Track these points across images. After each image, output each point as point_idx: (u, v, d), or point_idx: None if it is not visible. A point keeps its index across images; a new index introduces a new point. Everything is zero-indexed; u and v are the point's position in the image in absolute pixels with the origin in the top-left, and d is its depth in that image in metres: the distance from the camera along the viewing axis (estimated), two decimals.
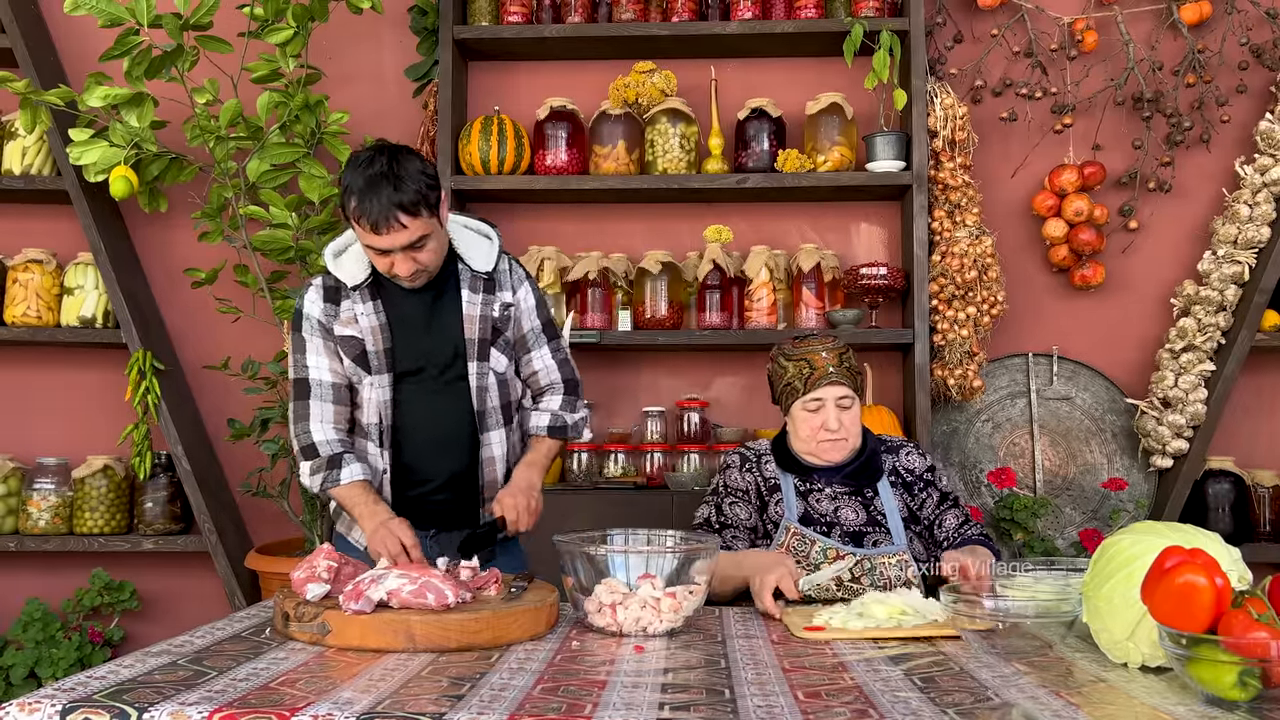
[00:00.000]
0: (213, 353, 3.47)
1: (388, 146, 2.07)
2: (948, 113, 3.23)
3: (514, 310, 2.26)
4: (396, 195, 1.99)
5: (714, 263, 3.31)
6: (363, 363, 2.17)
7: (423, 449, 2.20)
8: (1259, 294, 3.18)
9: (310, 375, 2.19)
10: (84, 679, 1.37)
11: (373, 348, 2.16)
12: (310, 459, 2.16)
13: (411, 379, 2.19)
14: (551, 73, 3.55)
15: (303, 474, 2.18)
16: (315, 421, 2.17)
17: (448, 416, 2.20)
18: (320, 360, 2.19)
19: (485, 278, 2.23)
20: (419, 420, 2.19)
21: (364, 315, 2.16)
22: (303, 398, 2.18)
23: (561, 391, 2.32)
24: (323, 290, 2.20)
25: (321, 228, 3.16)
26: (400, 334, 2.18)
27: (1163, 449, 3.26)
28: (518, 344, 2.30)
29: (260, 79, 3.09)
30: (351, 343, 2.17)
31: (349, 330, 2.17)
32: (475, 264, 2.21)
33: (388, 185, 1.99)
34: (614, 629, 1.75)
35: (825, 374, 2.20)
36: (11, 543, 3.32)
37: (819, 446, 2.22)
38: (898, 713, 1.28)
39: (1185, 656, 1.31)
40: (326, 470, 2.14)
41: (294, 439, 2.19)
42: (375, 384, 2.17)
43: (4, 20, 3.31)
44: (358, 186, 2.01)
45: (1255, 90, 3.40)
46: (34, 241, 3.52)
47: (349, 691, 1.36)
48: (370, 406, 2.18)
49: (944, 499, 2.28)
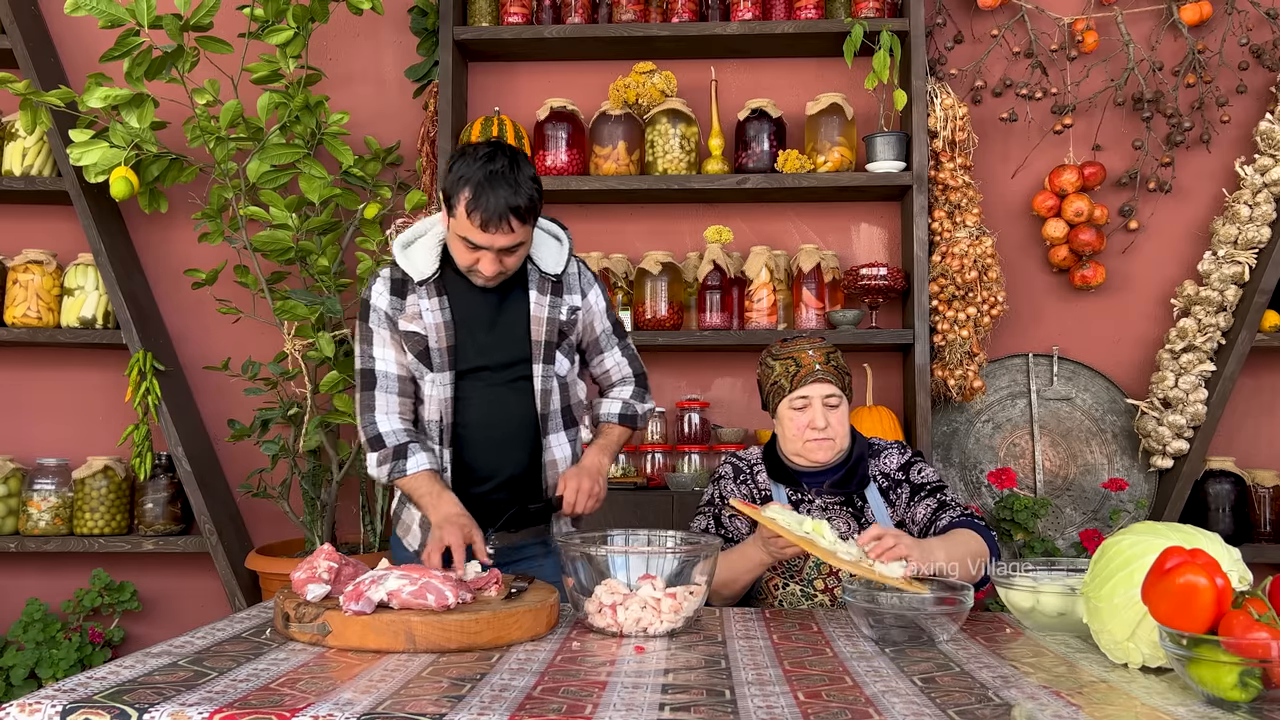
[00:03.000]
0: (213, 353, 3.48)
1: (506, 146, 2.07)
2: (948, 113, 3.23)
3: (583, 314, 2.27)
4: (514, 199, 2.00)
5: (714, 263, 3.31)
6: (425, 359, 2.17)
7: (483, 448, 2.19)
8: (1259, 294, 3.19)
9: (377, 366, 2.18)
10: (84, 680, 1.37)
11: (436, 345, 2.16)
12: (377, 450, 2.15)
13: (473, 377, 2.19)
14: (551, 73, 3.55)
15: (369, 465, 2.17)
16: (380, 413, 2.17)
17: (509, 416, 2.20)
18: (387, 352, 2.18)
19: (554, 280, 2.22)
20: (480, 419, 2.19)
21: (429, 312, 2.16)
22: (369, 388, 2.18)
23: (633, 383, 2.35)
24: (389, 283, 2.19)
25: (322, 228, 3.17)
26: (464, 332, 2.18)
27: (1163, 449, 3.26)
28: (590, 346, 2.32)
29: (260, 80, 3.09)
30: (415, 338, 2.16)
31: (413, 326, 2.16)
32: (545, 266, 2.21)
33: (506, 187, 1.99)
34: (614, 629, 1.75)
35: (811, 371, 2.19)
36: (12, 543, 3.32)
37: (806, 446, 2.19)
38: (898, 713, 1.28)
39: (1186, 657, 1.31)
40: (393, 461, 2.13)
41: (360, 430, 2.19)
42: (437, 381, 2.17)
43: (4, 21, 3.32)
44: (475, 179, 2.00)
45: (1255, 90, 3.40)
46: (34, 242, 3.53)
47: (349, 692, 1.36)
48: (431, 404, 2.18)
49: (916, 492, 2.22)
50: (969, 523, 2.13)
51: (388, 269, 2.22)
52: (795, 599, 2.15)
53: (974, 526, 2.11)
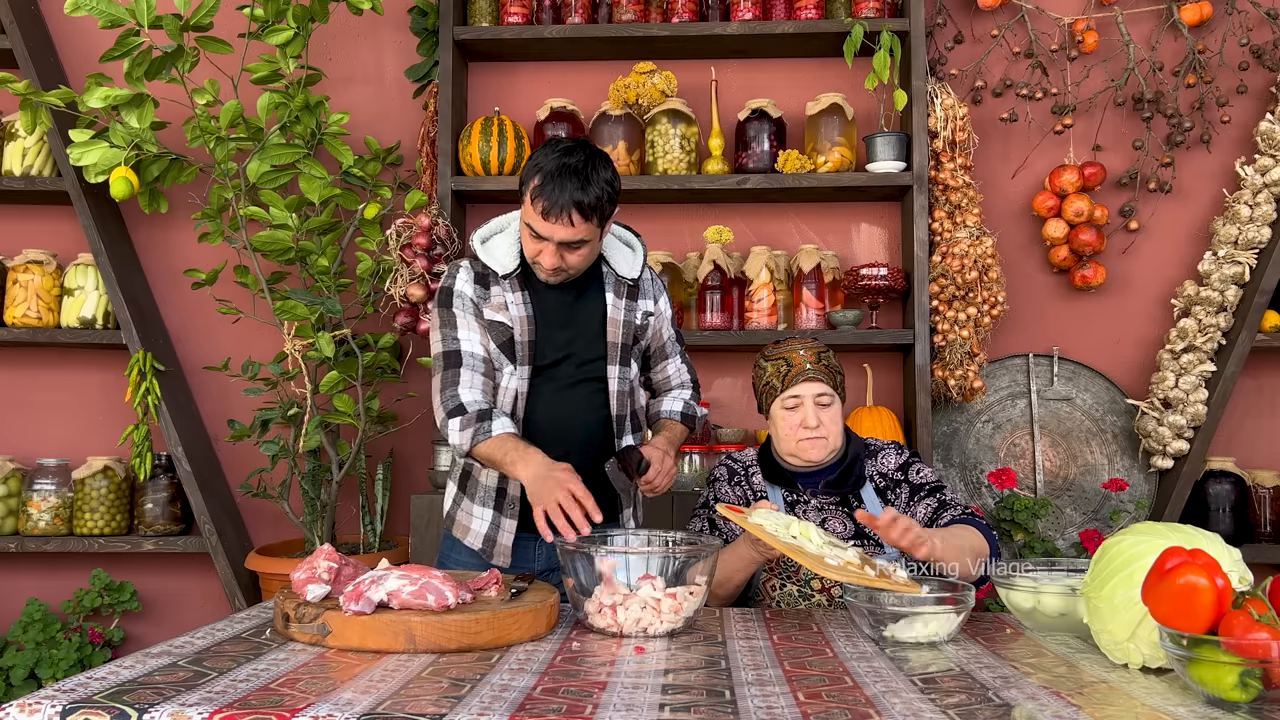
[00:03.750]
0: (213, 354, 3.48)
1: (590, 146, 2.11)
2: (948, 113, 3.23)
3: (654, 320, 2.31)
4: (580, 194, 2.02)
5: (714, 263, 3.31)
6: (509, 351, 2.17)
7: (548, 445, 2.16)
8: (1259, 294, 3.19)
9: (462, 346, 2.16)
10: (84, 680, 1.37)
11: (520, 338, 2.17)
12: (459, 416, 2.10)
13: (548, 374, 2.20)
14: (551, 73, 3.55)
15: (451, 433, 2.11)
16: (464, 387, 2.14)
17: (578, 415, 2.21)
18: (472, 335, 2.18)
19: (630, 284, 2.25)
20: (550, 416, 2.19)
21: (514, 304, 2.17)
22: (454, 366, 2.15)
23: (690, 389, 2.41)
24: (473, 274, 2.21)
25: (322, 228, 3.17)
26: (543, 328, 2.19)
27: (1163, 449, 3.26)
28: (656, 352, 2.37)
29: (260, 80, 3.09)
30: (500, 329, 2.17)
31: (499, 316, 2.17)
32: (621, 269, 2.24)
33: (575, 180, 2.02)
34: (614, 630, 1.75)
35: (802, 370, 2.20)
36: (12, 543, 3.32)
37: (799, 445, 2.19)
38: (897, 713, 1.28)
39: (1186, 657, 1.31)
40: (477, 424, 2.09)
41: (439, 408, 2.13)
42: (516, 374, 2.17)
43: (4, 21, 3.32)
44: (548, 168, 2.04)
45: (1255, 91, 3.40)
46: (34, 242, 3.53)
47: (349, 692, 1.35)
48: (505, 395, 2.18)
49: (915, 492, 2.22)
50: (971, 520, 2.13)
51: (467, 261, 2.24)
52: (793, 599, 2.15)
53: (975, 524, 2.11)
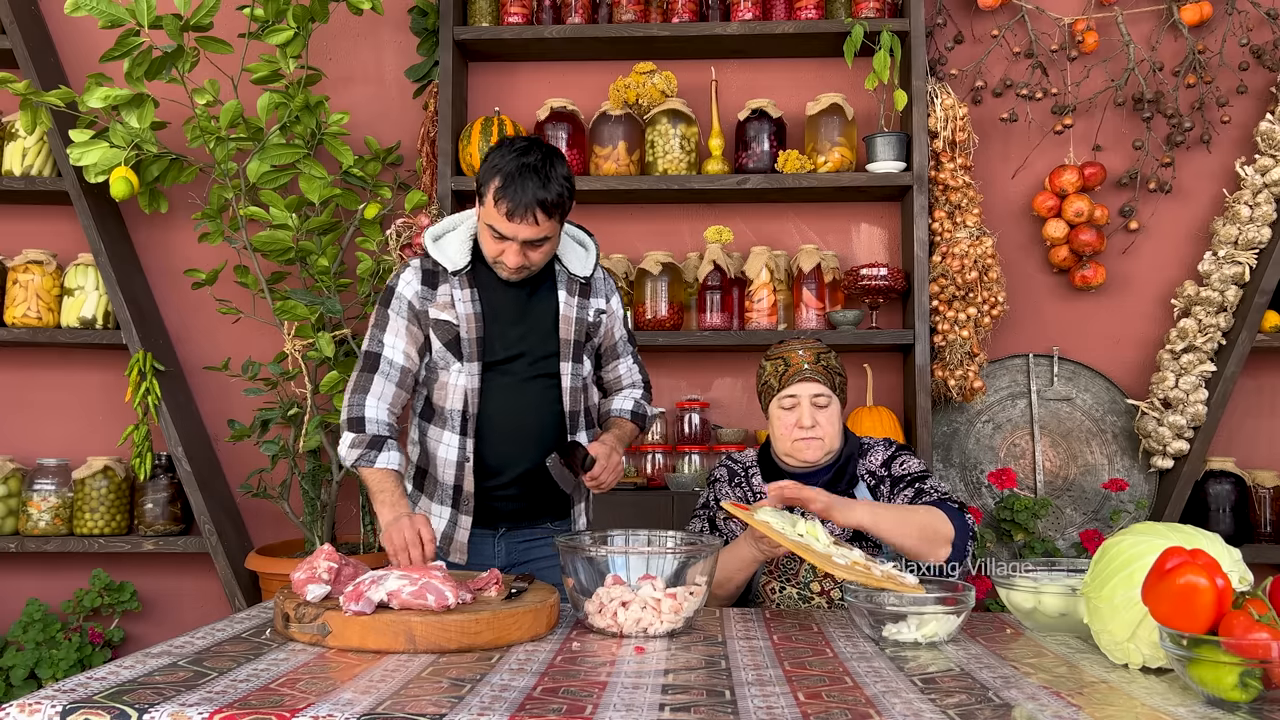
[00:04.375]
0: (213, 354, 3.48)
1: (543, 144, 2.12)
2: (948, 113, 3.23)
3: (606, 318, 2.33)
4: (542, 192, 2.04)
5: (714, 263, 3.31)
6: (455, 349, 2.19)
7: (502, 441, 2.21)
8: (1259, 295, 3.18)
9: (384, 352, 2.19)
10: (84, 680, 1.37)
11: (466, 335, 2.18)
12: (355, 432, 2.15)
13: (499, 370, 2.21)
14: (551, 73, 3.55)
15: (342, 444, 2.17)
16: (373, 397, 2.17)
17: (531, 412, 2.22)
18: (398, 341, 2.20)
19: (583, 282, 2.27)
20: (502, 412, 2.21)
21: (461, 301, 2.19)
22: (369, 370, 2.19)
23: (641, 389, 2.43)
24: (420, 273, 2.22)
25: (322, 228, 3.17)
26: (493, 325, 2.20)
27: (1163, 450, 3.26)
28: (607, 351, 2.38)
29: (260, 80, 3.09)
30: (446, 327, 2.19)
31: (445, 315, 2.19)
32: (574, 267, 2.26)
33: (536, 179, 2.04)
34: (614, 630, 1.75)
35: (800, 371, 2.20)
36: (12, 543, 3.32)
37: (794, 445, 2.19)
38: (898, 713, 1.28)
39: (1186, 657, 1.31)
40: (366, 449, 2.13)
41: (345, 407, 2.18)
42: (465, 371, 2.18)
43: (4, 21, 3.32)
44: (508, 169, 2.05)
45: (1255, 91, 3.40)
46: (34, 242, 3.53)
47: (349, 692, 1.35)
48: (456, 392, 2.19)
49: (897, 484, 2.20)
50: (941, 505, 2.09)
51: (418, 259, 2.25)
52: (792, 602, 2.15)
53: (944, 508, 2.08)
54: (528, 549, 2.29)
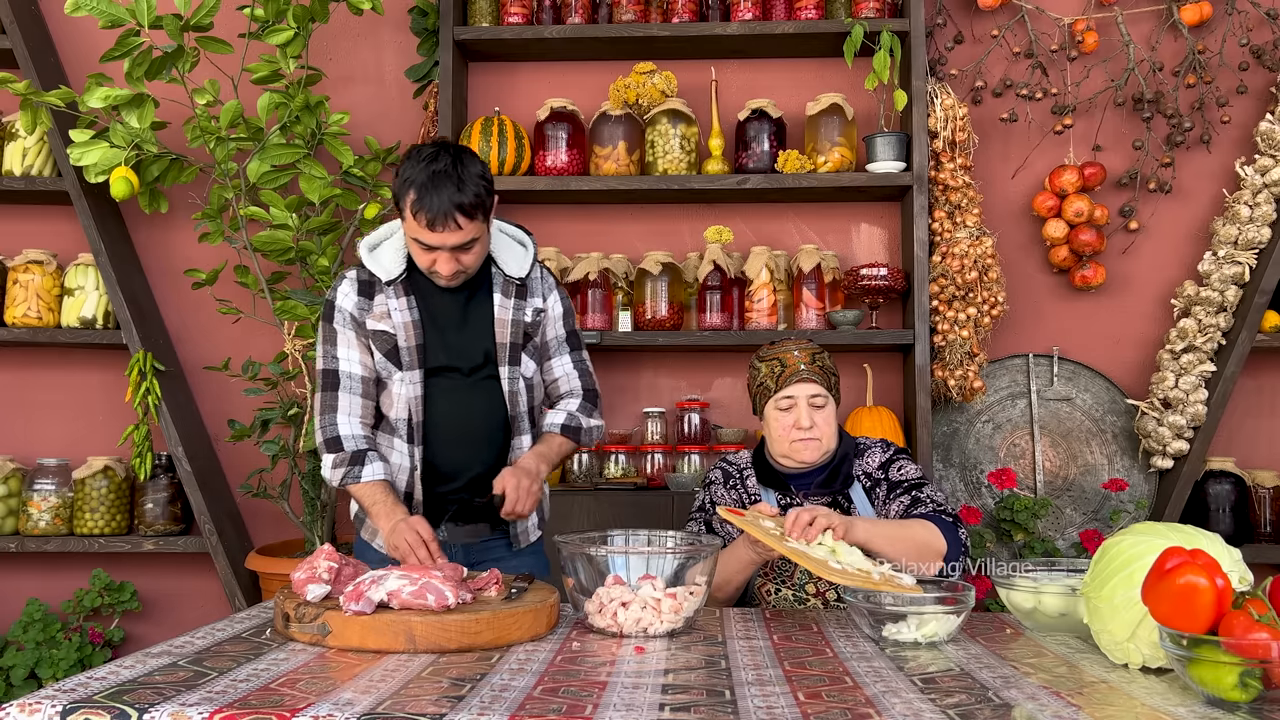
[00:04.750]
0: (213, 353, 3.48)
1: (451, 145, 2.09)
2: (948, 113, 3.23)
3: (543, 317, 2.28)
4: (458, 196, 2.01)
5: (714, 263, 3.31)
6: (394, 358, 2.17)
7: (451, 446, 2.20)
8: (1259, 295, 3.18)
9: (340, 367, 2.19)
10: (84, 680, 1.37)
11: (405, 343, 2.17)
12: (334, 452, 2.15)
13: (441, 377, 2.19)
14: (552, 73, 3.55)
15: (324, 466, 2.17)
16: (342, 414, 2.17)
17: (477, 416, 2.21)
18: (351, 353, 2.19)
19: (518, 283, 2.24)
20: (448, 418, 2.20)
21: (397, 310, 2.17)
22: (331, 389, 2.18)
23: (580, 397, 2.32)
24: (356, 284, 2.20)
25: (322, 228, 3.17)
26: (432, 331, 2.19)
27: (1163, 450, 3.26)
28: (541, 350, 2.31)
29: (260, 80, 3.09)
30: (384, 337, 2.18)
31: (382, 325, 2.17)
32: (509, 269, 2.23)
33: (450, 184, 2.01)
34: (614, 630, 1.75)
35: (796, 371, 2.19)
36: (12, 543, 3.32)
37: (792, 446, 2.19)
38: (898, 713, 1.28)
39: (1186, 657, 1.31)
40: (349, 466, 2.13)
41: (318, 430, 2.18)
42: (406, 380, 2.17)
43: (4, 21, 3.32)
44: (419, 180, 2.02)
45: (1255, 91, 3.40)
46: (34, 242, 3.53)
47: (349, 692, 1.36)
48: (400, 402, 2.18)
49: (893, 489, 2.20)
50: (934, 517, 2.10)
51: (354, 270, 2.23)
52: (787, 604, 2.15)
53: (939, 522, 2.08)
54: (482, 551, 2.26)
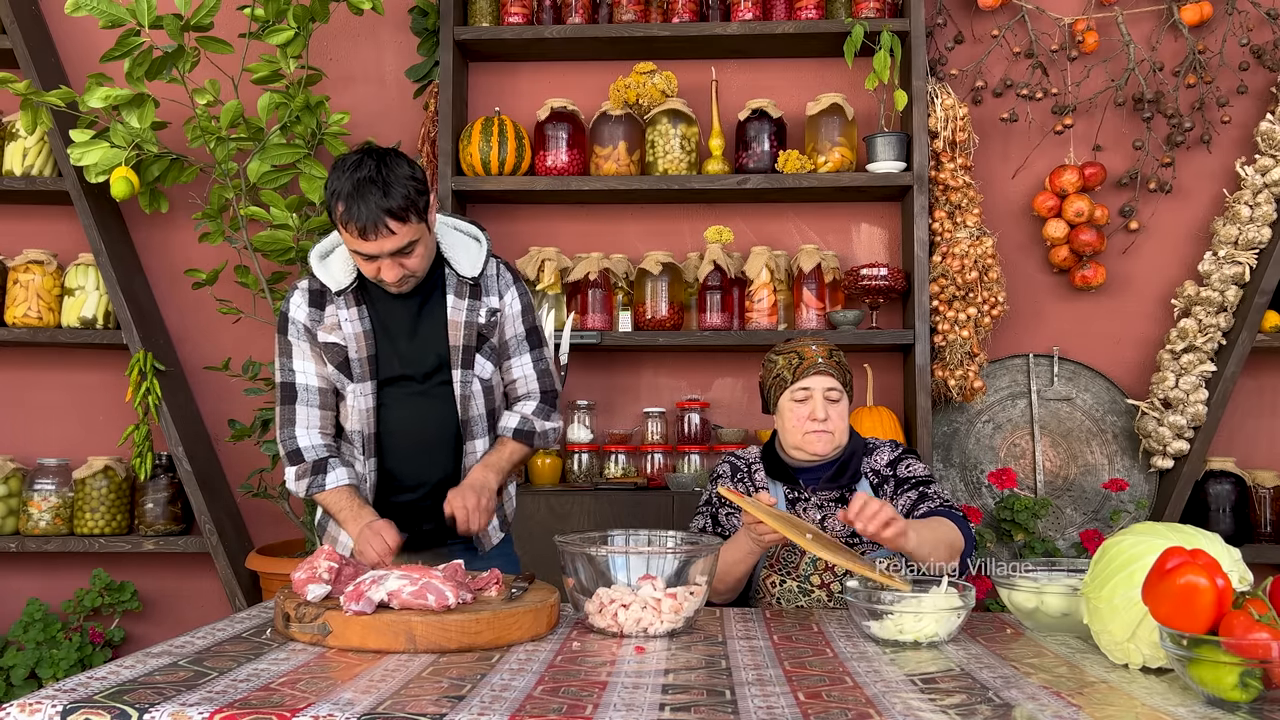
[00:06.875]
0: (213, 353, 3.48)
1: (375, 149, 2.04)
2: (948, 113, 3.23)
3: (499, 316, 2.23)
4: (385, 201, 1.96)
5: (714, 263, 3.31)
6: (345, 370, 2.15)
7: (407, 456, 2.18)
8: (1259, 295, 3.18)
9: (296, 380, 2.17)
10: (85, 679, 1.37)
11: (355, 355, 2.14)
12: (295, 464, 2.15)
13: (395, 386, 2.17)
14: (552, 73, 3.55)
15: (288, 479, 2.16)
16: (300, 427, 2.16)
17: (433, 424, 2.18)
18: (307, 365, 2.17)
19: (471, 283, 2.19)
20: (403, 427, 2.17)
21: (347, 321, 2.15)
22: (289, 402, 2.17)
23: (536, 399, 2.28)
24: (308, 294, 2.18)
25: (322, 228, 3.17)
26: (384, 341, 2.16)
27: (1163, 450, 3.26)
28: (499, 350, 2.26)
29: (261, 80, 3.10)
30: (334, 349, 2.15)
31: (332, 337, 2.15)
32: (462, 269, 2.18)
33: (376, 190, 1.96)
34: (615, 630, 1.75)
35: (814, 364, 2.20)
36: (12, 543, 3.32)
37: (805, 438, 2.19)
38: (898, 713, 1.28)
39: (1186, 657, 1.31)
40: (311, 475, 2.13)
41: (280, 444, 2.18)
42: (358, 391, 2.15)
43: (4, 21, 3.32)
44: (345, 191, 1.97)
45: (1256, 91, 3.40)
46: (35, 242, 3.53)
47: (349, 692, 1.36)
48: (354, 414, 2.16)
49: (900, 485, 2.22)
50: (947, 513, 2.13)
51: (305, 280, 2.20)
52: (792, 595, 2.15)
53: (952, 517, 2.12)
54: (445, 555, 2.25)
